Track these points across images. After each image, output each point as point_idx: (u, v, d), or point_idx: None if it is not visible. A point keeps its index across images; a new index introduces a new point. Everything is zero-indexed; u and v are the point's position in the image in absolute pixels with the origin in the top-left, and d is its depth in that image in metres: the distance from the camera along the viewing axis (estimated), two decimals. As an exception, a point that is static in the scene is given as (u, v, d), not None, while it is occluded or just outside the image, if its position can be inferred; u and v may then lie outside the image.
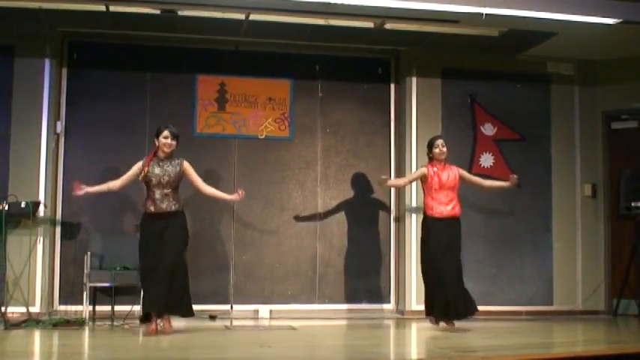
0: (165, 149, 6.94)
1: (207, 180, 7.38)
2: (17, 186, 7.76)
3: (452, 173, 7.49)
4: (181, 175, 7.02)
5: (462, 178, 7.55)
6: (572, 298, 8.98)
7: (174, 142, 6.98)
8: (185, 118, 8.55)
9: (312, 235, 8.76)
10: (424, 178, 7.51)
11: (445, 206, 7.38)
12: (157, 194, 6.89)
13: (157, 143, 6.99)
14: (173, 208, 6.93)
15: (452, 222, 7.40)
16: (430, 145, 7.53)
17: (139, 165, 6.97)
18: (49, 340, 6.59)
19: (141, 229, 7.01)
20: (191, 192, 7.45)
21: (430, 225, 7.43)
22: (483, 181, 7.85)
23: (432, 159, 7.52)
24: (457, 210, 7.44)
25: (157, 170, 6.90)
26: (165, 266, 6.76)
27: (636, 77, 8.95)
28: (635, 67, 8.95)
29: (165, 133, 6.95)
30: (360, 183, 8.91)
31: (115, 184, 7.08)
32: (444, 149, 7.47)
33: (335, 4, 7.18)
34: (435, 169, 7.46)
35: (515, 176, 7.71)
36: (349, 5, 7.23)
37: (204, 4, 7.40)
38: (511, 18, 7.59)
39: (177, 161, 7.01)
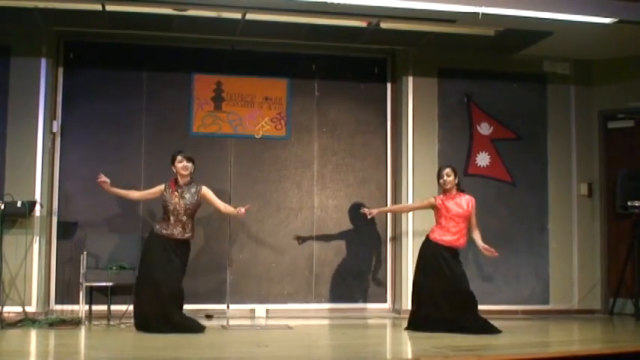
0: (183, 172, 7.14)
1: (203, 179, 7.40)
2: (13, 185, 7.75)
3: (463, 201, 7.39)
4: (199, 202, 7.20)
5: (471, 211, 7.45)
6: (568, 298, 8.99)
7: (189, 164, 7.17)
8: (181, 117, 8.55)
9: (309, 235, 8.75)
10: (434, 208, 7.46)
11: (450, 235, 7.32)
12: (172, 220, 7.10)
13: (174, 170, 7.17)
14: (185, 236, 7.13)
15: (451, 252, 7.33)
16: (438, 175, 7.50)
17: (161, 187, 7.20)
18: (46, 340, 6.59)
19: (146, 245, 7.24)
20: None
21: (425, 248, 7.41)
22: (475, 229, 7.52)
23: (441, 188, 7.51)
24: (461, 242, 7.37)
25: (175, 199, 7.09)
26: (167, 290, 6.95)
27: (632, 76, 8.96)
28: (632, 66, 8.95)
29: (179, 157, 7.16)
30: (356, 182, 8.91)
31: (134, 194, 7.40)
32: (450, 178, 7.39)
33: (331, 3, 7.18)
34: (443, 197, 7.43)
35: (489, 251, 7.47)
36: (345, 5, 7.22)
37: (200, 4, 7.39)
38: (507, 17, 7.59)
39: (196, 188, 7.18)
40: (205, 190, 7.25)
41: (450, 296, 7.20)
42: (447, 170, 7.44)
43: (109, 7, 7.48)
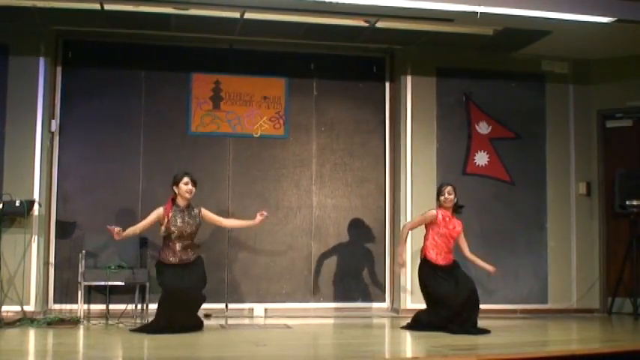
0: (187, 195, 7.00)
1: (201, 179, 7.39)
2: (12, 184, 7.74)
3: (457, 225, 7.41)
4: (200, 224, 7.11)
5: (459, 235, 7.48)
6: (566, 297, 9.00)
7: (194, 188, 7.04)
8: (180, 116, 8.55)
9: (307, 234, 8.75)
10: (433, 220, 7.37)
11: (446, 254, 7.32)
12: (178, 246, 6.98)
13: (176, 191, 7.02)
14: (192, 257, 7.06)
15: (452, 266, 7.36)
16: (438, 192, 7.45)
17: (158, 212, 6.99)
18: (44, 339, 6.58)
19: (161, 277, 6.97)
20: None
21: (431, 271, 7.32)
22: (467, 251, 7.56)
23: (440, 205, 7.42)
24: (452, 257, 7.40)
25: (179, 222, 6.95)
26: (189, 298, 6.90)
27: (631, 76, 8.96)
28: (630, 65, 8.96)
29: (186, 179, 7.00)
30: (355, 182, 8.91)
31: (136, 229, 7.10)
32: (451, 197, 7.35)
33: (330, 2, 7.18)
34: (443, 212, 7.37)
35: (493, 270, 7.58)
36: (344, 4, 7.22)
37: (199, 3, 7.39)
38: (506, 17, 7.58)
39: (195, 211, 7.08)
40: (205, 212, 7.15)
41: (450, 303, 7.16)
42: (449, 188, 7.38)
43: (107, 7, 7.47)
